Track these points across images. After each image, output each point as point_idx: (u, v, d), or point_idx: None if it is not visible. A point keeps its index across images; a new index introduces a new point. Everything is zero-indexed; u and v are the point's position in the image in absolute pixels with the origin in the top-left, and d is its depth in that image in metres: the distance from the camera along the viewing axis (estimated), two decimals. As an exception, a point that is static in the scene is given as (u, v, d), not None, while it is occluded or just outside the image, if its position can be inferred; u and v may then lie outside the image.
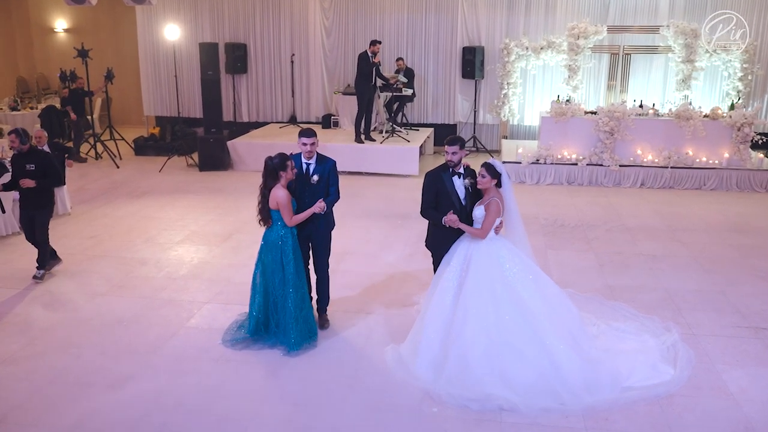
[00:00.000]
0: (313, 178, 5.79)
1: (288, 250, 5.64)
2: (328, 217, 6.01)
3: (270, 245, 5.68)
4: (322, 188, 5.82)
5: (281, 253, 5.64)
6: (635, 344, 5.71)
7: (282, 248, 5.64)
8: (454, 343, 5.08)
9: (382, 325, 6.21)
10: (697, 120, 11.35)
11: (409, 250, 8.24)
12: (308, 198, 5.75)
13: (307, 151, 5.75)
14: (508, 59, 13.27)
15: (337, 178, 5.96)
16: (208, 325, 6.20)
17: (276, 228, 5.66)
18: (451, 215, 5.33)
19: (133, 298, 6.79)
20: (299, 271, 5.73)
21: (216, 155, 12.61)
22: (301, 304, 5.75)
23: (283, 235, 5.64)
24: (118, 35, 17.10)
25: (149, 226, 9.19)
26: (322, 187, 5.82)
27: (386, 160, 12.20)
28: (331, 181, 5.89)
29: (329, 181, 5.88)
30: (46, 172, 7.13)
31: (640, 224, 9.38)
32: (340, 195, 5.98)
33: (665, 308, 6.60)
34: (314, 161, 5.84)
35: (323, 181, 5.83)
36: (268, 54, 14.98)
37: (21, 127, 7.37)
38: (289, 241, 5.65)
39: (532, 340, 5.05)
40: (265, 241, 5.73)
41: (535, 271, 5.40)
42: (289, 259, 5.63)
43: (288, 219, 5.60)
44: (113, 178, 12.04)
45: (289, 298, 5.65)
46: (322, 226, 5.96)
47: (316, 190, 5.77)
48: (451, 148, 5.47)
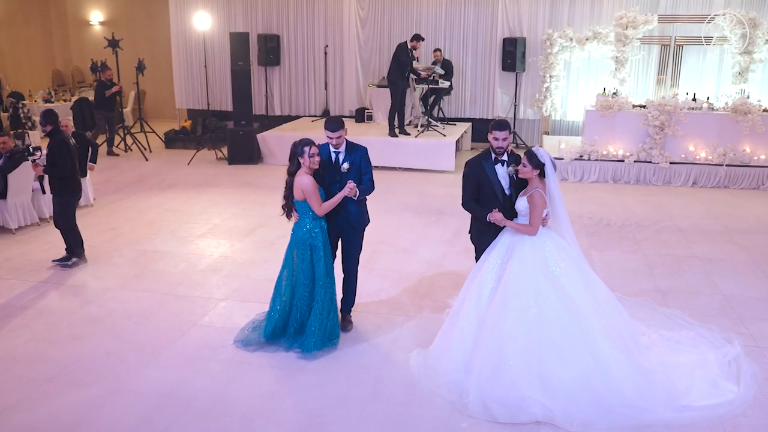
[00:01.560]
0: (343, 167, 5.30)
1: (318, 246, 5.17)
2: (362, 212, 5.51)
3: (298, 242, 5.20)
4: (354, 178, 5.30)
5: (311, 250, 5.17)
6: (692, 357, 5.08)
7: (312, 244, 5.17)
8: (490, 336, 4.55)
9: (409, 329, 5.69)
10: (756, 114, 10.52)
11: (442, 249, 7.70)
12: (338, 189, 5.23)
13: (334, 143, 5.28)
14: (551, 51, 12.64)
15: (371, 167, 5.46)
16: (221, 324, 5.77)
17: (304, 222, 5.19)
18: (495, 214, 4.83)
19: (146, 293, 6.41)
20: (329, 270, 5.27)
21: (245, 148, 12.26)
22: (330, 305, 5.28)
23: (311, 228, 5.17)
24: (153, 27, 16.94)
25: (171, 219, 8.84)
26: (353, 177, 5.30)
27: (421, 155, 11.68)
28: (363, 169, 5.38)
29: (361, 169, 5.37)
30: (54, 161, 6.83)
31: (692, 225, 8.67)
32: (374, 185, 5.47)
33: (724, 317, 5.95)
34: (343, 149, 5.34)
35: (354, 169, 5.33)
36: (301, 46, 14.59)
37: (50, 108, 7.21)
38: (319, 237, 5.17)
39: (577, 339, 4.49)
40: (294, 238, 5.25)
41: (584, 267, 4.83)
42: (320, 256, 5.16)
43: (317, 207, 5.11)
44: (140, 171, 11.77)
45: (317, 299, 5.19)
46: (356, 221, 5.45)
47: (347, 181, 5.22)
48: (502, 134, 4.94)
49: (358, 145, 5.45)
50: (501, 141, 4.98)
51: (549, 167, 4.82)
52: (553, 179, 4.86)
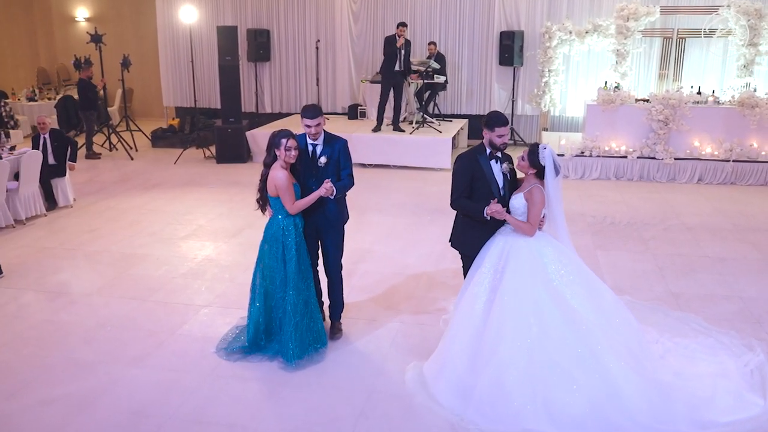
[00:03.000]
0: (320, 161, 4.89)
1: (290, 244, 4.76)
2: (340, 208, 5.10)
3: (270, 239, 4.82)
4: (332, 173, 4.91)
5: (283, 248, 4.78)
6: (711, 367, 4.66)
7: (284, 242, 4.77)
8: (487, 362, 4.09)
9: (404, 337, 5.27)
10: (763, 108, 10.12)
11: (438, 249, 7.28)
12: (315, 185, 4.85)
13: (312, 133, 4.86)
14: (549, 44, 12.24)
15: (350, 161, 5.05)
16: (202, 333, 5.34)
17: (277, 219, 4.81)
18: (495, 204, 4.37)
19: (123, 299, 5.97)
20: (303, 270, 4.84)
21: (234, 146, 11.81)
22: (303, 309, 4.84)
23: (285, 226, 4.78)
24: (140, 23, 16.47)
25: (154, 220, 8.40)
26: (331, 172, 4.91)
27: (416, 152, 11.25)
28: (342, 164, 4.98)
29: (340, 164, 4.97)
30: None
31: (701, 223, 8.27)
32: (354, 180, 5.06)
33: (743, 321, 5.54)
34: (321, 141, 4.93)
35: (333, 164, 4.93)
36: (292, 40, 14.15)
37: None
38: (292, 234, 4.77)
39: (584, 360, 4.04)
40: (266, 235, 4.88)
41: (586, 273, 4.41)
42: (291, 255, 4.75)
43: (289, 205, 4.71)
44: (125, 170, 11.32)
45: (288, 301, 4.77)
46: (333, 217, 5.05)
47: (324, 176, 4.86)
48: (506, 129, 4.54)
49: (337, 137, 5.04)
50: (505, 137, 4.60)
51: (549, 171, 4.38)
52: (553, 184, 4.41)
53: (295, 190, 4.79)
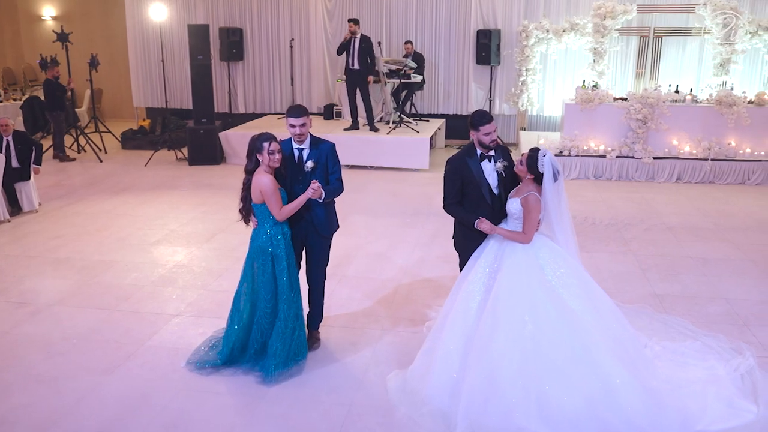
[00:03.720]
0: (306, 165, 4.66)
1: (281, 256, 4.53)
2: (330, 217, 4.86)
3: (258, 251, 4.56)
4: (319, 178, 4.66)
5: (273, 260, 4.54)
6: (701, 372, 4.54)
7: (273, 254, 4.53)
8: (479, 358, 3.93)
9: (386, 346, 5.07)
10: (741, 106, 10.12)
11: (420, 253, 7.11)
12: (301, 190, 4.61)
13: (297, 134, 4.62)
14: (526, 43, 12.11)
15: (339, 165, 4.82)
16: (173, 344, 5.09)
17: (264, 229, 4.56)
18: (483, 223, 4.26)
19: (90, 309, 5.69)
20: (294, 282, 4.64)
21: (207, 148, 11.52)
22: (294, 322, 4.63)
23: (272, 235, 4.54)
24: (109, 22, 16.04)
25: (124, 224, 8.10)
26: (319, 177, 4.67)
27: (393, 152, 11.07)
28: (330, 169, 4.75)
29: (328, 169, 4.74)
30: None
31: (682, 223, 8.20)
32: (343, 186, 4.84)
33: (729, 323, 5.44)
34: (307, 145, 4.71)
35: (320, 168, 4.70)
36: (265, 39, 13.87)
37: None
38: (281, 245, 4.54)
39: (580, 359, 3.90)
40: (253, 247, 4.62)
41: (583, 276, 4.26)
42: (283, 267, 4.52)
43: (277, 211, 4.48)
44: (94, 173, 10.97)
45: (280, 316, 4.55)
46: (323, 227, 4.81)
47: (311, 181, 4.62)
48: (492, 126, 4.38)
49: (324, 140, 4.82)
50: (493, 134, 4.41)
51: (548, 178, 4.21)
52: (552, 190, 4.25)
53: (282, 196, 4.56)
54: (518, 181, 4.44)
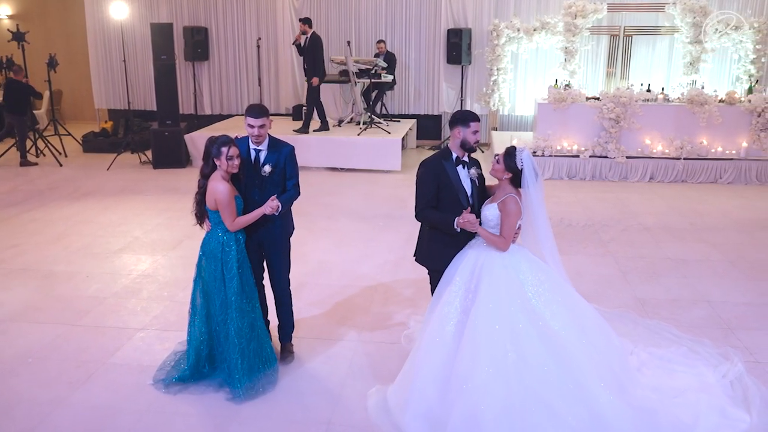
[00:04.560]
0: (264, 170, 4.42)
1: (231, 262, 4.29)
2: (285, 219, 4.63)
3: (209, 255, 4.34)
4: (277, 182, 4.46)
5: (222, 266, 4.30)
6: (691, 380, 4.41)
7: (223, 259, 4.29)
8: (460, 392, 3.67)
9: (363, 358, 4.84)
10: (712, 105, 10.11)
11: (393, 258, 6.89)
12: (258, 195, 4.41)
13: (255, 134, 4.37)
14: (497, 42, 12.00)
15: (297, 169, 4.60)
16: (137, 361, 4.79)
17: (216, 234, 4.33)
18: (467, 214, 3.97)
19: (48, 324, 5.35)
20: (246, 290, 4.38)
21: (172, 150, 11.15)
22: (249, 333, 4.38)
23: (225, 242, 4.30)
24: (69, 20, 15.50)
25: (85, 232, 7.73)
26: (276, 181, 4.46)
27: (364, 154, 10.84)
28: (288, 173, 4.52)
29: (286, 173, 4.52)
30: None
31: (658, 223, 8.12)
32: (300, 191, 4.62)
33: (713, 327, 5.33)
34: (266, 147, 4.46)
35: (278, 173, 4.47)
36: (231, 39, 13.53)
37: None
38: (232, 250, 4.30)
39: (566, 389, 3.67)
40: (204, 251, 4.39)
41: (565, 289, 4.07)
42: (233, 274, 4.28)
43: (229, 222, 4.25)
44: (53, 178, 10.52)
45: (231, 326, 4.29)
46: (278, 229, 4.58)
47: (268, 186, 4.42)
48: (479, 125, 4.20)
49: (283, 143, 4.58)
50: (479, 135, 4.23)
51: (528, 175, 4.02)
52: (536, 190, 4.06)
53: (237, 204, 4.33)
54: (488, 195, 4.25)
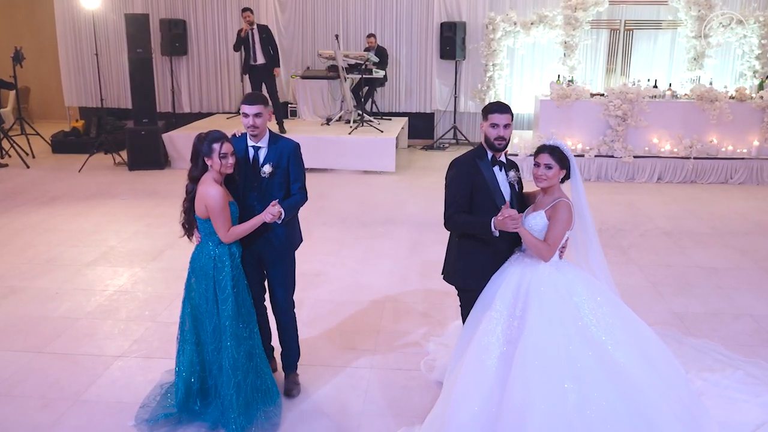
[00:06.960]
0: (263, 170, 3.77)
1: (225, 280, 3.64)
2: (289, 229, 3.95)
3: (199, 274, 3.69)
4: (279, 185, 3.81)
5: (215, 285, 3.65)
6: (756, 411, 3.85)
7: (216, 277, 3.64)
8: None
9: (378, 390, 4.20)
10: (723, 102, 9.64)
11: (399, 268, 6.27)
12: (257, 200, 3.77)
13: (250, 125, 3.72)
14: (493, 36, 11.45)
15: (303, 170, 3.94)
16: (116, 396, 4.10)
17: (207, 247, 3.68)
18: (507, 209, 3.32)
19: (10, 353, 4.64)
20: (243, 313, 3.74)
21: (149, 151, 10.40)
22: (246, 363, 3.74)
23: (217, 256, 3.66)
24: (37, 13, 14.61)
25: (54, 241, 6.98)
26: (278, 184, 3.81)
27: (357, 154, 10.21)
28: (292, 175, 3.87)
29: (290, 174, 3.86)
30: None
31: (677, 227, 7.60)
32: (307, 195, 3.97)
33: (762, 345, 4.80)
34: (265, 143, 3.82)
35: (280, 174, 3.81)
36: (211, 32, 12.75)
37: None
38: (226, 267, 3.65)
39: (637, 429, 3.10)
40: (193, 268, 3.74)
41: (624, 312, 3.48)
42: (227, 295, 3.63)
43: (223, 232, 3.60)
44: (19, 181, 9.72)
45: (226, 355, 3.63)
46: (281, 244, 3.92)
47: (269, 189, 3.78)
48: (504, 117, 3.55)
49: (286, 139, 3.94)
50: (502, 129, 3.56)
51: (574, 169, 3.50)
52: (580, 185, 3.51)
53: (232, 211, 3.66)
54: (526, 204, 3.66)
